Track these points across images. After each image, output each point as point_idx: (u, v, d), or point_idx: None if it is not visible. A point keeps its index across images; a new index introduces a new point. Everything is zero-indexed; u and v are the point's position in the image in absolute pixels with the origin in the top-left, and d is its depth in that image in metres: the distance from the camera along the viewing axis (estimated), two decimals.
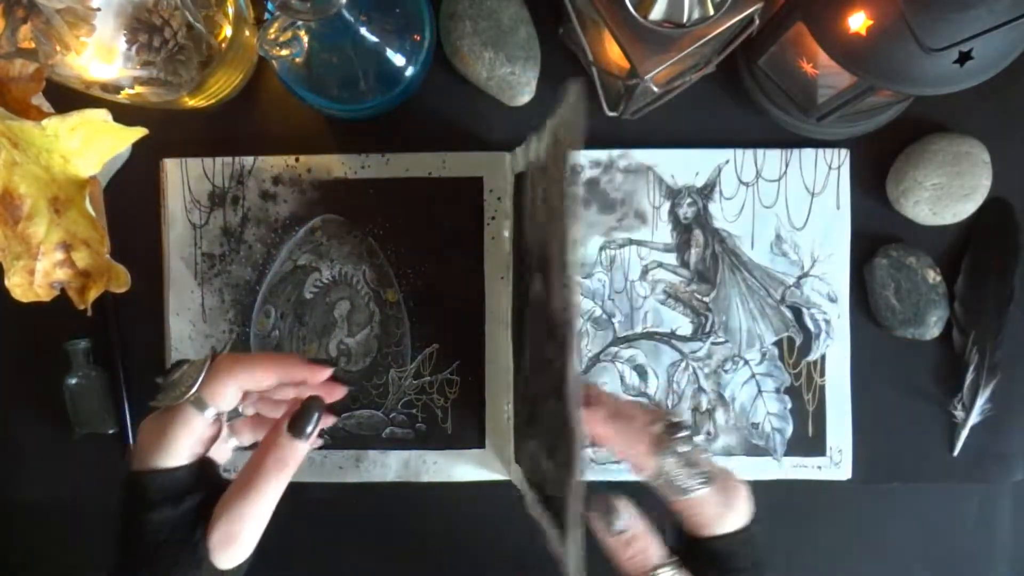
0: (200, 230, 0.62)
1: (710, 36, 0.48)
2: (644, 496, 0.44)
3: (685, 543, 0.44)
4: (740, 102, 0.61)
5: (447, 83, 0.61)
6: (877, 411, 0.61)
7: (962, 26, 0.43)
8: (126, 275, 0.58)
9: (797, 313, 0.61)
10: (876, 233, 0.61)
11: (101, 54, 0.52)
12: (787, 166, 0.61)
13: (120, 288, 0.58)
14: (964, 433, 0.61)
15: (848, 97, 0.52)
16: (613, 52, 0.52)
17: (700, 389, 0.61)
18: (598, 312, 0.62)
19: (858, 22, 0.46)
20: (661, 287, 0.61)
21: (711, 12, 0.47)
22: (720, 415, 0.61)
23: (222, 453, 0.47)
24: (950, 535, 0.62)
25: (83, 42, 0.49)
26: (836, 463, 0.61)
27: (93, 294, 0.59)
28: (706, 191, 0.61)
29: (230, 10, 0.56)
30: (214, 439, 0.44)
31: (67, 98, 0.54)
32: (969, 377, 0.61)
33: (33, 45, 0.49)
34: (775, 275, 0.61)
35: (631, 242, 0.61)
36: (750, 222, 0.61)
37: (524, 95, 0.61)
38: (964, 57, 0.44)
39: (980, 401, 0.61)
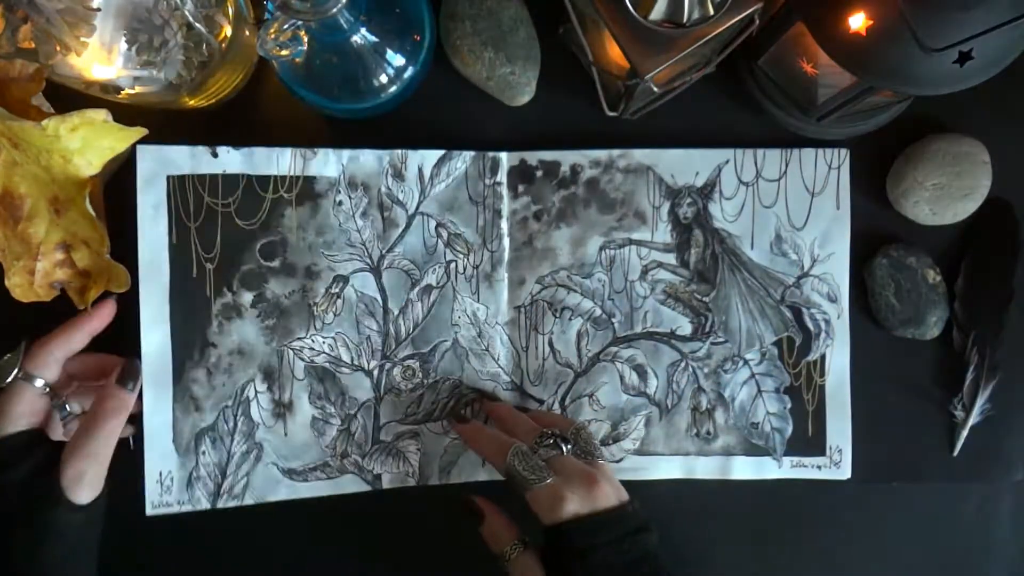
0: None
1: (710, 36, 0.48)
2: None
3: (543, 530, 0.50)
4: (740, 102, 0.61)
5: (447, 83, 0.61)
6: (877, 411, 0.61)
7: (962, 26, 0.43)
8: (126, 275, 0.58)
9: (797, 313, 0.61)
10: (876, 233, 0.61)
11: (101, 54, 0.52)
12: (787, 166, 0.61)
13: (120, 289, 0.58)
14: (964, 433, 0.61)
15: (848, 97, 0.52)
16: (613, 52, 0.52)
17: (700, 389, 0.61)
18: (598, 312, 0.62)
19: (858, 22, 0.46)
20: (661, 287, 0.61)
21: (711, 12, 0.47)
22: (720, 415, 0.61)
23: (56, 432, 0.55)
24: (950, 535, 0.62)
25: (83, 42, 0.49)
26: (836, 463, 0.61)
27: (93, 294, 0.58)
28: (706, 191, 0.61)
29: (230, 10, 0.56)
30: (47, 410, 0.54)
31: (67, 98, 0.54)
32: (969, 377, 0.61)
33: (33, 45, 0.49)
34: (775, 275, 0.61)
35: (631, 242, 0.61)
36: (750, 222, 0.61)
37: (524, 95, 0.61)
38: (964, 57, 0.44)
39: (980, 401, 0.61)
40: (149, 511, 0.58)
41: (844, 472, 0.61)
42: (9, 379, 0.52)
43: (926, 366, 0.62)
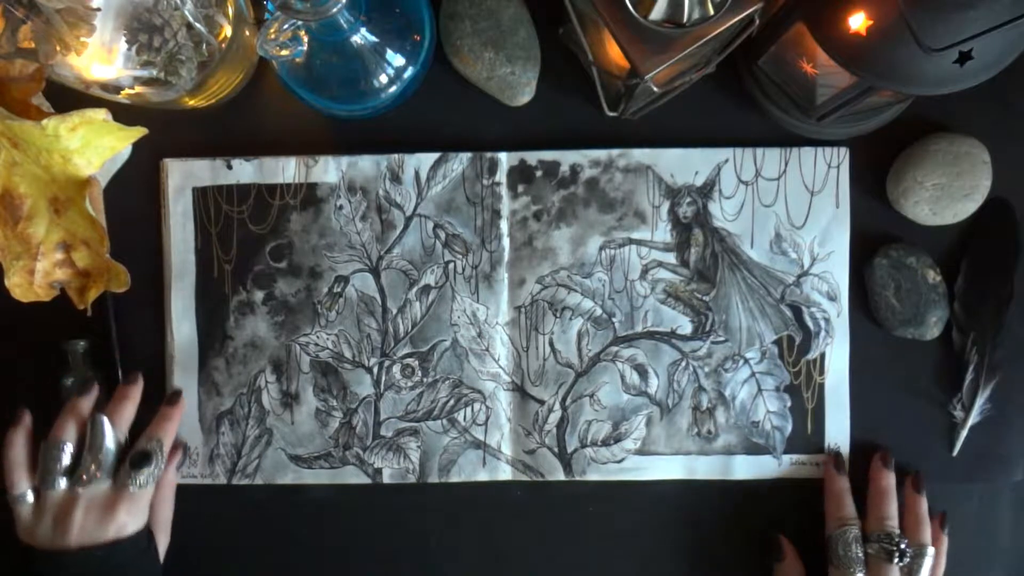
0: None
1: (710, 36, 0.48)
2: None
3: None
4: (740, 102, 0.61)
5: (447, 83, 0.61)
6: (877, 411, 0.61)
7: (962, 26, 0.43)
8: (126, 275, 0.58)
9: (797, 312, 0.61)
10: (876, 233, 0.61)
11: (101, 54, 0.52)
12: (786, 164, 0.61)
13: (120, 288, 0.58)
14: (964, 433, 0.61)
15: (848, 97, 0.52)
16: (613, 52, 0.52)
17: (700, 388, 0.61)
18: (598, 312, 0.62)
19: (858, 22, 0.46)
20: (661, 286, 0.61)
21: (711, 12, 0.47)
22: (720, 414, 0.61)
23: None
24: (950, 535, 0.62)
25: (83, 42, 0.49)
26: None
27: (93, 294, 0.59)
28: (705, 190, 0.61)
29: (230, 10, 0.56)
30: None
31: (67, 98, 0.54)
32: (969, 377, 0.61)
33: (33, 45, 0.49)
34: (775, 274, 0.61)
35: (631, 241, 0.61)
36: (749, 221, 0.61)
37: (524, 95, 0.61)
38: (964, 57, 0.44)
39: (980, 401, 0.61)
40: (179, 480, 0.62)
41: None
42: (153, 480, 0.57)
43: (926, 366, 0.62)
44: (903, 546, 0.56)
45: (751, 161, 0.61)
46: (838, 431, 0.61)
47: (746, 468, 0.61)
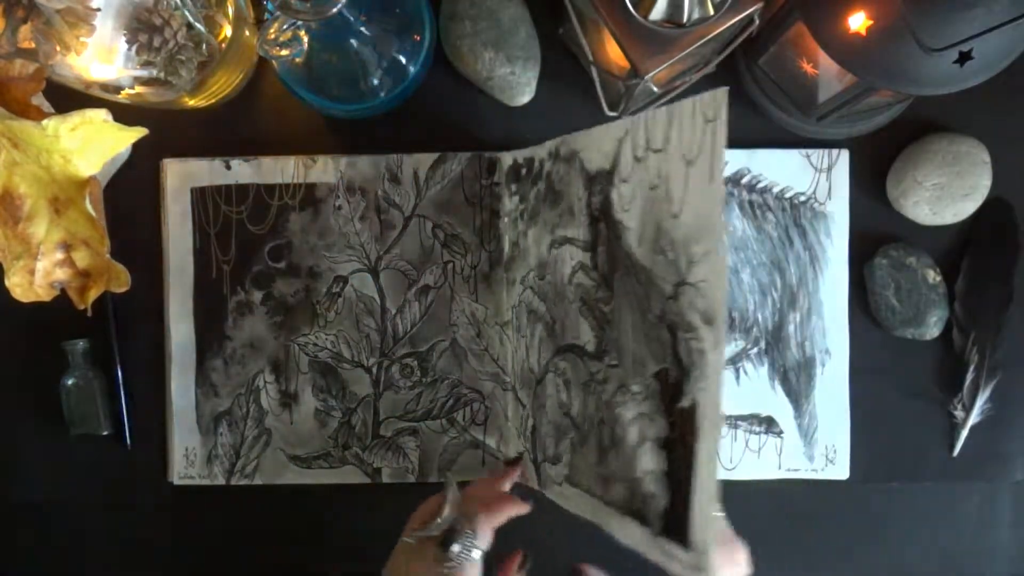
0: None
1: (710, 36, 0.48)
2: None
3: None
4: (740, 102, 0.61)
5: (447, 83, 0.61)
6: (877, 411, 0.61)
7: (962, 26, 0.43)
8: (126, 275, 0.58)
9: (673, 336, 0.43)
10: (876, 233, 0.61)
11: (101, 54, 0.52)
12: (669, 128, 0.43)
13: (120, 288, 0.58)
14: (964, 433, 0.61)
15: (848, 97, 0.52)
16: (613, 52, 0.52)
17: (602, 420, 0.49)
18: (548, 318, 0.55)
19: (858, 22, 0.46)
20: (579, 292, 0.51)
21: (711, 12, 0.47)
22: (613, 458, 0.47)
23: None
24: (950, 535, 0.62)
25: (83, 42, 0.49)
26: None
27: (93, 294, 0.59)
28: (608, 175, 0.48)
29: (230, 10, 0.56)
30: None
31: (67, 98, 0.54)
32: (969, 377, 0.61)
33: (33, 45, 0.49)
34: (656, 281, 0.44)
35: (566, 240, 0.52)
36: (639, 210, 0.46)
37: (524, 95, 0.61)
38: (964, 57, 0.44)
39: (980, 401, 0.61)
40: (177, 481, 0.62)
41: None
42: (465, 562, 0.49)
43: (926, 366, 0.62)
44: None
45: (643, 129, 0.45)
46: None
47: (623, 535, 0.47)
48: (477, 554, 0.49)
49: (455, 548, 0.49)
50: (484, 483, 0.55)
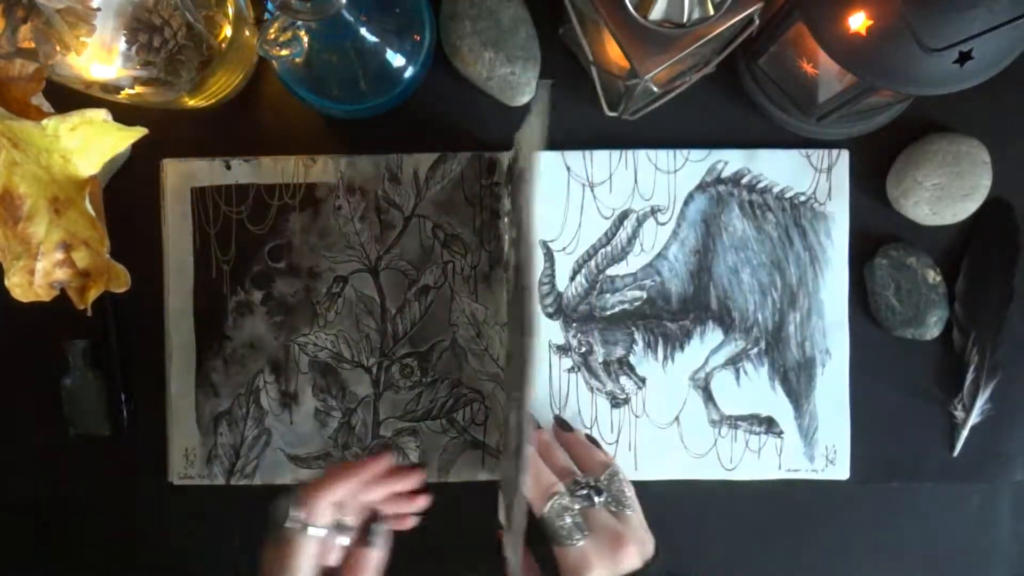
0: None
1: (710, 36, 0.48)
2: None
3: None
4: (740, 102, 0.61)
5: (447, 83, 0.61)
6: (877, 411, 0.61)
7: (962, 26, 0.43)
8: (126, 275, 0.58)
9: None
10: (876, 233, 0.61)
11: (101, 54, 0.52)
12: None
13: (120, 288, 0.58)
14: (964, 433, 0.61)
15: (848, 97, 0.52)
16: (613, 52, 0.52)
17: None
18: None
19: (858, 22, 0.46)
20: None
21: (711, 12, 0.47)
22: None
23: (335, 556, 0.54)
24: (950, 535, 0.62)
25: (83, 42, 0.49)
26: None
27: (93, 294, 0.59)
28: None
29: (230, 10, 0.56)
30: (328, 550, 0.53)
31: (67, 98, 0.54)
32: (969, 377, 0.61)
33: (33, 45, 0.49)
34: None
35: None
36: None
37: (524, 95, 0.61)
38: (964, 57, 0.44)
39: (980, 401, 0.61)
40: (176, 481, 0.62)
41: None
42: (296, 534, 0.52)
43: (926, 366, 0.62)
44: (592, 483, 0.54)
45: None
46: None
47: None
48: (313, 530, 0.52)
49: (287, 524, 0.51)
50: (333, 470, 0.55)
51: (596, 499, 0.53)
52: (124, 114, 0.54)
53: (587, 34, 0.53)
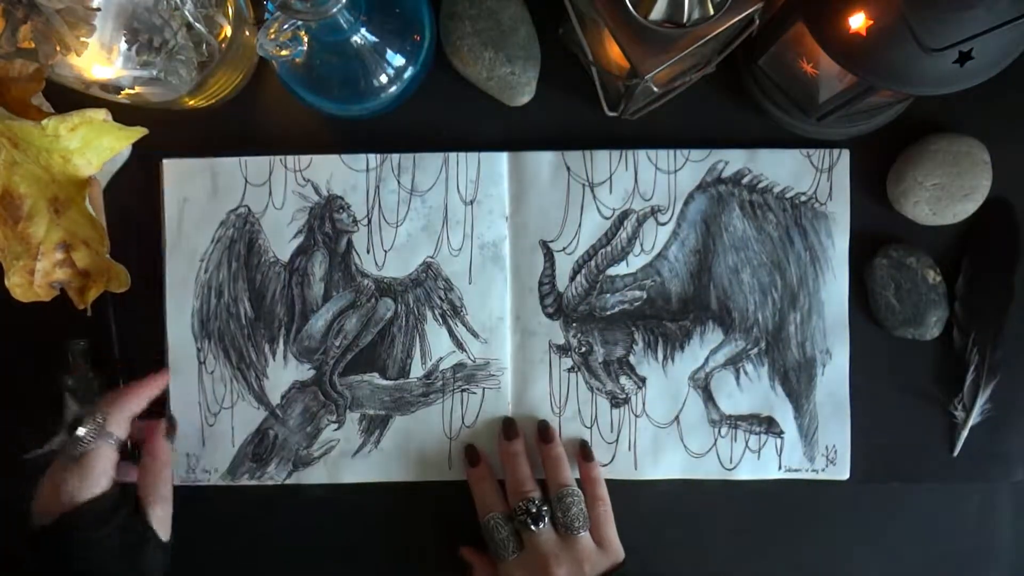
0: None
1: (710, 36, 0.48)
2: None
3: None
4: (740, 102, 0.61)
5: (447, 83, 0.61)
6: (877, 411, 0.61)
7: (962, 26, 0.43)
8: (126, 275, 0.58)
9: None
10: (876, 233, 0.61)
11: (101, 54, 0.52)
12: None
13: (120, 288, 0.58)
14: (964, 433, 0.61)
15: (848, 97, 0.52)
16: (613, 52, 0.52)
17: None
18: None
19: (858, 22, 0.46)
20: None
21: (711, 12, 0.47)
22: None
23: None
24: (950, 535, 0.62)
25: (83, 42, 0.49)
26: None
27: (93, 294, 0.59)
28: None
29: (230, 10, 0.56)
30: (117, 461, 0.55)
31: (67, 98, 0.54)
32: (969, 377, 0.61)
33: (33, 45, 0.49)
34: None
35: None
36: None
37: (524, 95, 0.61)
38: (964, 57, 0.44)
39: (980, 401, 0.61)
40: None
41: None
42: (94, 443, 0.53)
43: (926, 366, 0.62)
44: (540, 506, 0.56)
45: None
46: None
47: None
48: (110, 439, 0.53)
49: (81, 431, 0.53)
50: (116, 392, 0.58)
51: (539, 523, 0.55)
52: (124, 114, 0.55)
53: (587, 34, 0.53)
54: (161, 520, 0.56)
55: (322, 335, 0.62)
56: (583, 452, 0.60)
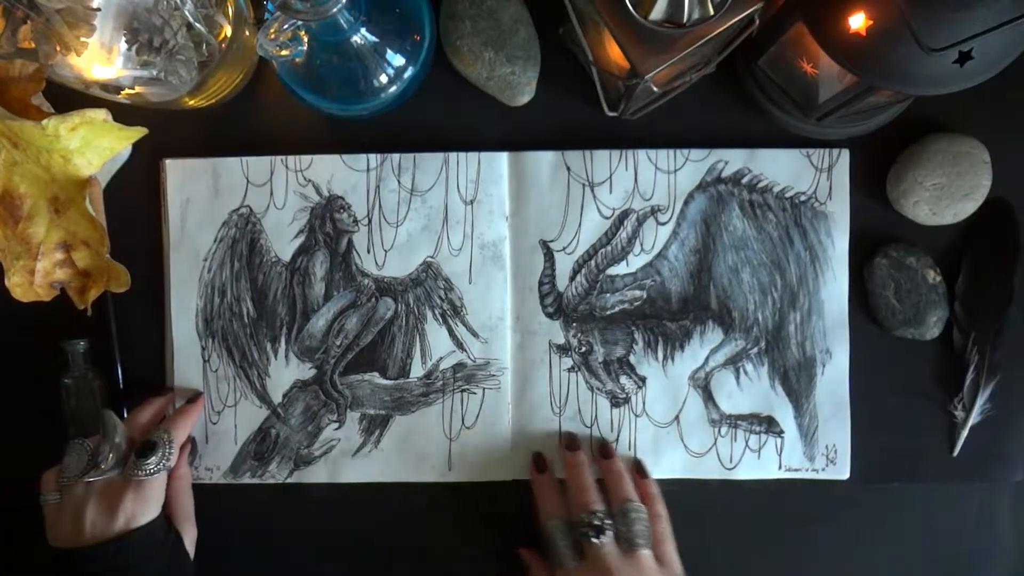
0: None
1: (710, 36, 0.48)
2: None
3: None
4: (740, 102, 0.61)
5: (447, 83, 0.61)
6: (877, 411, 0.61)
7: (962, 26, 0.43)
8: (126, 275, 0.58)
9: None
10: (876, 233, 0.61)
11: (101, 54, 0.52)
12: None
13: (120, 288, 0.58)
14: (964, 433, 0.61)
15: (848, 97, 0.52)
16: (613, 52, 0.52)
17: None
18: None
19: (858, 22, 0.46)
20: None
21: (711, 12, 0.47)
22: None
23: None
24: (950, 535, 0.62)
25: (83, 42, 0.49)
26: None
27: (93, 294, 0.59)
28: None
29: (230, 10, 0.56)
30: None
31: (67, 98, 0.54)
32: (969, 377, 0.61)
33: (33, 45, 0.49)
34: None
35: None
36: None
37: (524, 95, 0.61)
38: (964, 57, 0.44)
39: (980, 401, 0.61)
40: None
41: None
42: (162, 470, 0.56)
43: (926, 366, 0.62)
44: (603, 519, 0.55)
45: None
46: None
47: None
48: (171, 466, 0.56)
49: (153, 459, 0.55)
50: (148, 407, 0.60)
51: (595, 539, 0.54)
52: (124, 114, 0.55)
53: (587, 34, 0.53)
54: (192, 542, 0.59)
55: (323, 334, 0.62)
56: (639, 469, 0.61)
